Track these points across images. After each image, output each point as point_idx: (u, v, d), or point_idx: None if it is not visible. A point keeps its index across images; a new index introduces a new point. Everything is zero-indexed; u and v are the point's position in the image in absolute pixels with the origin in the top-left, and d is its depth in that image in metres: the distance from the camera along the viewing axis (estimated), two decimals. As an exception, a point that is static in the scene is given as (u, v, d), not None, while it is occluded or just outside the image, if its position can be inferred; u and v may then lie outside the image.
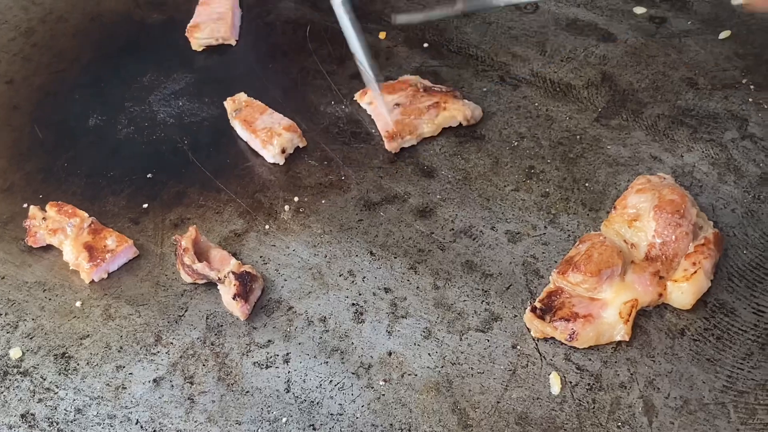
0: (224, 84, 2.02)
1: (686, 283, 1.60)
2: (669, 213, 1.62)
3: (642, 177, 1.72)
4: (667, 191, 1.66)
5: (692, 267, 1.61)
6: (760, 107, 1.93)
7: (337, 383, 1.54)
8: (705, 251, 1.63)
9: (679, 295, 1.60)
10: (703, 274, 1.61)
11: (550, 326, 1.57)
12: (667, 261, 1.62)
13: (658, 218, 1.63)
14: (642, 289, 1.60)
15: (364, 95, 1.93)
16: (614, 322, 1.57)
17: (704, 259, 1.62)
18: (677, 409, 1.50)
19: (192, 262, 1.63)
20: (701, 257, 1.62)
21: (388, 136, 1.84)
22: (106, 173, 1.86)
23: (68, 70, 2.07)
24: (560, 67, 2.03)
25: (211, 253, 1.68)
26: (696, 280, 1.60)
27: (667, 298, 1.61)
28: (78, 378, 1.56)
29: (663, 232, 1.62)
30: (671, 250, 1.62)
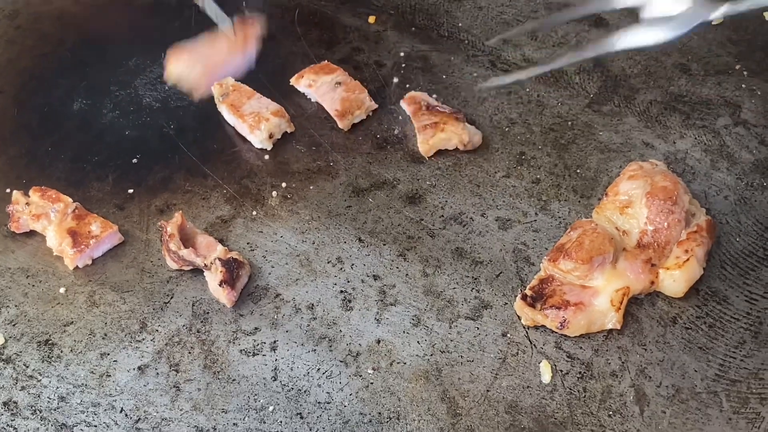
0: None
1: (678, 271, 1.58)
2: (661, 200, 1.61)
3: (634, 163, 1.70)
4: (660, 178, 1.64)
5: (684, 254, 1.59)
6: (754, 93, 1.91)
7: (324, 371, 1.52)
8: (697, 239, 1.61)
9: (671, 282, 1.59)
10: (696, 262, 1.59)
11: (540, 314, 1.55)
12: (660, 248, 1.60)
13: (650, 205, 1.61)
14: (634, 277, 1.58)
15: (300, 78, 1.92)
16: (606, 310, 1.56)
17: (697, 246, 1.60)
18: (669, 398, 1.48)
19: (177, 249, 1.60)
20: (694, 245, 1.60)
21: (338, 115, 1.84)
22: (90, 158, 1.83)
23: (52, 54, 2.03)
24: (552, 53, 2.01)
25: (197, 239, 1.66)
26: (688, 267, 1.58)
27: (659, 285, 1.60)
28: (61, 365, 1.53)
29: (655, 219, 1.61)
30: (663, 237, 1.60)
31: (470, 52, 2.02)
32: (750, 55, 1.99)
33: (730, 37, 2.03)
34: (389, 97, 1.93)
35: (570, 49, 2.01)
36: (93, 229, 1.66)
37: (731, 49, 2.00)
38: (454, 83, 1.95)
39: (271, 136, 1.82)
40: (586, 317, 1.55)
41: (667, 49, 2.00)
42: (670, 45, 1.79)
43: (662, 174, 1.66)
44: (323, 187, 1.77)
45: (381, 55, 2.01)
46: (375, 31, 2.07)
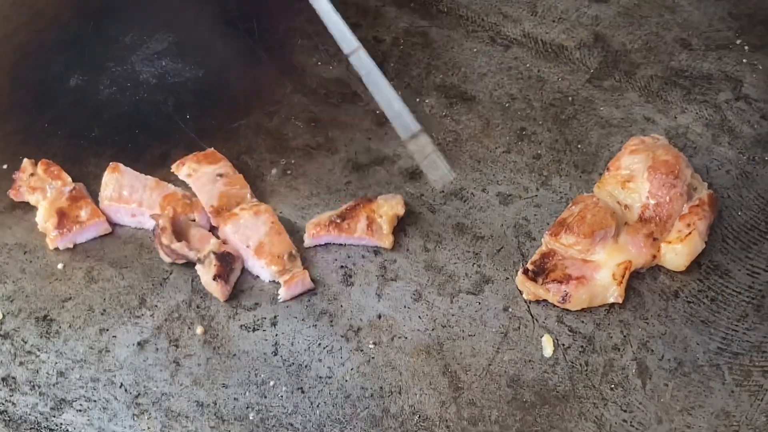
0: (208, 44, 1.98)
1: (680, 245, 1.58)
2: (663, 174, 1.60)
3: (635, 138, 1.69)
4: (661, 152, 1.63)
5: (686, 228, 1.59)
6: (755, 68, 1.90)
7: (325, 346, 1.51)
8: (699, 212, 1.60)
9: (673, 256, 1.58)
10: (698, 236, 1.59)
11: (542, 288, 1.55)
12: (661, 222, 1.60)
13: (652, 179, 1.61)
14: (636, 251, 1.57)
15: (181, 166, 1.72)
16: (608, 284, 1.55)
17: (699, 220, 1.59)
18: (671, 371, 1.48)
19: (170, 242, 1.58)
20: (696, 218, 1.60)
21: (214, 211, 1.65)
22: (87, 134, 1.81)
23: (48, 30, 2.01)
24: (552, 28, 2.00)
25: (190, 231, 1.63)
26: (690, 241, 1.58)
27: (660, 259, 1.59)
28: (60, 341, 1.52)
29: (657, 193, 1.60)
30: (665, 211, 1.60)
31: (470, 27, 2.01)
32: (751, 29, 1.98)
33: (730, 12, 2.02)
34: (388, 73, 1.91)
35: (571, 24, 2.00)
36: (82, 214, 1.63)
37: (732, 23, 1.99)
38: (454, 59, 1.94)
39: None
40: (587, 291, 1.54)
41: (667, 24, 1.99)
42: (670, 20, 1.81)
43: (664, 148, 1.65)
44: (323, 163, 1.76)
45: (379, 30, 2.00)
46: (374, 6, 2.06)
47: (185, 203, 1.65)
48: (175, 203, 1.65)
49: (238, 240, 1.60)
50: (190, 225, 1.64)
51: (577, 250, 1.57)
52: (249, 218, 1.62)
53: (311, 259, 1.61)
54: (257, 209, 1.63)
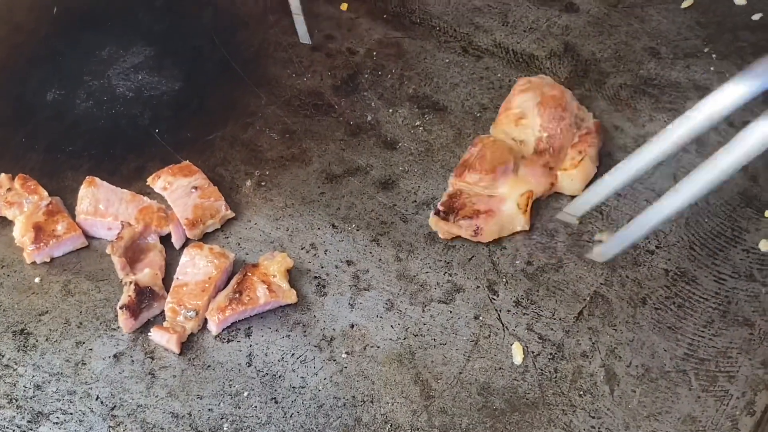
0: (184, 57, 2.00)
1: (575, 171, 1.71)
2: (552, 107, 1.75)
3: (523, 79, 1.84)
4: (548, 89, 1.78)
5: (578, 155, 1.72)
6: (722, 76, 1.93)
7: (299, 356, 1.53)
8: (589, 140, 1.74)
9: (569, 182, 1.71)
10: (589, 161, 1.73)
11: (455, 226, 1.65)
12: (555, 152, 1.72)
13: (542, 114, 1.75)
14: (535, 181, 1.69)
15: (156, 179, 1.74)
16: (514, 213, 1.67)
17: (588, 147, 1.73)
18: (638, 377, 1.51)
19: (113, 253, 1.60)
20: (586, 146, 1.73)
21: (189, 224, 1.67)
22: (64, 148, 1.83)
23: (26, 44, 2.03)
24: (523, 38, 2.02)
25: (149, 255, 1.65)
26: (583, 166, 1.71)
27: (558, 186, 1.72)
28: (37, 354, 1.54)
29: (548, 126, 1.74)
30: (557, 141, 1.73)
31: (442, 38, 2.03)
32: (718, 37, 2.01)
33: (698, 21, 2.05)
34: (362, 84, 1.93)
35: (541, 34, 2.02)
36: (58, 228, 1.65)
37: (700, 32, 2.02)
38: (427, 69, 1.96)
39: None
40: (497, 222, 1.65)
41: (636, 33, 2.01)
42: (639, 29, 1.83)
43: (550, 85, 1.79)
44: (297, 173, 1.78)
45: (353, 42, 2.02)
46: (348, 18, 2.08)
47: (161, 216, 1.67)
48: (151, 216, 1.67)
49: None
50: (150, 248, 1.66)
51: (482, 187, 1.68)
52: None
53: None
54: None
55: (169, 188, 1.73)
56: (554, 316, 1.58)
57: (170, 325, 1.55)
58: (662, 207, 1.38)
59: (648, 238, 1.67)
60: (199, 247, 1.62)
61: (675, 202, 1.37)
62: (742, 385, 1.50)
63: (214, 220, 1.70)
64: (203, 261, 1.60)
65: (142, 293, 1.56)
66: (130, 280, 1.57)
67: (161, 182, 1.74)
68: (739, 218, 1.70)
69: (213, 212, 1.69)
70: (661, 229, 1.68)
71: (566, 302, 1.60)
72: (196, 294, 1.57)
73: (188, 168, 1.75)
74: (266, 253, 1.64)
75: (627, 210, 1.71)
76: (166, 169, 1.75)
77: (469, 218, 1.65)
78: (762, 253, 1.65)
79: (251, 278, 1.57)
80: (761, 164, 1.77)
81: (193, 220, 1.68)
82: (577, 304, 1.59)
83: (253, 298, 1.55)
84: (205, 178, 1.74)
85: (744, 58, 1.96)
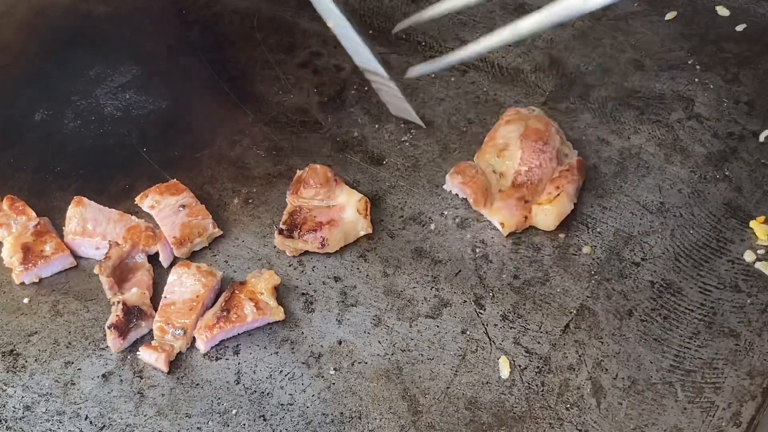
0: (171, 76, 2.01)
1: (549, 206, 1.69)
2: (533, 140, 1.74)
3: (512, 109, 1.84)
4: (533, 121, 1.78)
5: (555, 191, 1.71)
6: (706, 87, 1.94)
7: (287, 373, 1.54)
8: (568, 176, 1.73)
9: (543, 217, 1.70)
10: (566, 197, 1.71)
11: (301, 241, 1.67)
12: (533, 186, 1.72)
13: (524, 146, 1.73)
14: (508, 213, 1.69)
15: (144, 198, 1.74)
16: (355, 219, 1.70)
17: (567, 183, 1.71)
18: (625, 390, 1.51)
19: (101, 272, 1.61)
20: (564, 182, 1.72)
21: (177, 242, 1.68)
22: (53, 168, 1.84)
23: (13, 65, 2.04)
24: (508, 52, 2.03)
25: (137, 274, 1.66)
26: (558, 202, 1.70)
27: (532, 221, 1.71)
28: (26, 375, 1.55)
29: (528, 159, 1.73)
30: (536, 175, 1.72)
31: (428, 53, 2.04)
32: (702, 49, 2.02)
33: (682, 32, 2.06)
34: (349, 100, 1.95)
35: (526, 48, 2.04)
36: (46, 248, 1.66)
37: (684, 43, 2.04)
38: (413, 85, 1.97)
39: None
40: (340, 231, 1.69)
41: (621, 46, 2.03)
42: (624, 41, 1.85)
43: (536, 117, 1.79)
44: (284, 191, 1.78)
45: (340, 58, 2.03)
46: (333, 35, 2.08)
47: (148, 235, 1.68)
48: (139, 235, 1.67)
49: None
50: (138, 267, 1.66)
51: (319, 200, 1.71)
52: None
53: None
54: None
55: (157, 207, 1.73)
56: (541, 329, 1.59)
57: (158, 343, 1.55)
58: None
59: (633, 249, 1.68)
60: (186, 266, 1.62)
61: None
62: (728, 396, 1.50)
63: (201, 239, 1.70)
64: (191, 279, 1.60)
65: (130, 312, 1.57)
66: (117, 299, 1.57)
67: (149, 201, 1.74)
68: (723, 229, 1.71)
69: (201, 230, 1.70)
70: (647, 241, 1.69)
71: (553, 315, 1.60)
72: (184, 312, 1.57)
73: (176, 186, 1.76)
74: (254, 271, 1.65)
75: (612, 223, 1.72)
76: (153, 187, 1.76)
77: (313, 231, 1.66)
78: (747, 263, 1.66)
79: (239, 296, 1.58)
80: (745, 175, 1.79)
81: (180, 239, 1.68)
82: (563, 317, 1.60)
83: (241, 316, 1.56)
84: (193, 197, 1.74)
85: (728, 69, 1.98)
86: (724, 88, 1.94)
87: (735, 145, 1.84)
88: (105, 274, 1.60)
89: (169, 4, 2.17)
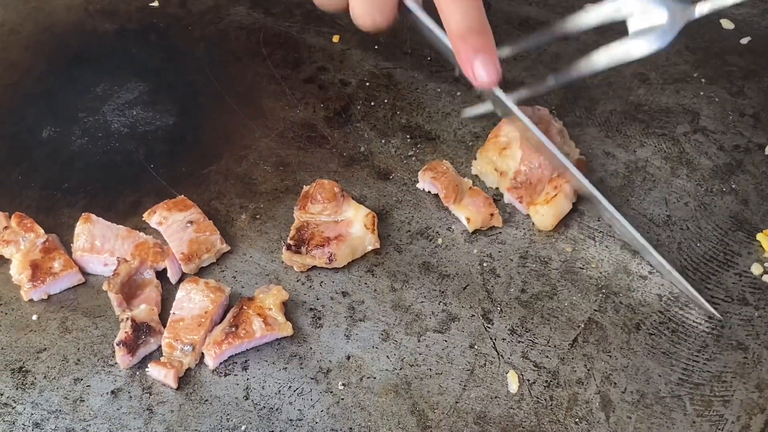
0: (177, 92, 2.02)
1: (546, 206, 1.71)
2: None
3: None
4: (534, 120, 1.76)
5: (553, 191, 1.71)
6: (711, 100, 1.95)
7: (296, 389, 1.54)
8: (567, 176, 1.71)
9: (540, 217, 1.72)
10: (564, 197, 1.72)
11: (309, 257, 1.67)
12: (532, 186, 1.73)
13: (524, 146, 1.74)
14: (475, 209, 1.73)
15: (152, 214, 1.75)
16: (362, 234, 1.70)
17: (565, 183, 1.72)
18: (634, 403, 1.51)
19: (109, 289, 1.61)
20: (563, 181, 1.72)
21: (184, 258, 1.68)
22: (60, 185, 1.85)
23: (21, 82, 2.05)
24: (513, 66, 2.04)
25: (145, 290, 1.66)
26: (555, 202, 1.71)
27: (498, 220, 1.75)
28: (36, 392, 1.55)
29: (528, 159, 1.73)
30: (535, 176, 1.73)
31: (433, 68, 2.05)
32: (707, 62, 2.03)
33: (687, 46, 2.07)
34: (355, 115, 1.95)
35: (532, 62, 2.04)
36: (55, 265, 1.66)
37: (688, 57, 2.04)
38: (418, 99, 1.98)
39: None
40: (348, 246, 1.68)
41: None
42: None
43: (538, 116, 1.79)
44: (291, 206, 1.79)
45: (346, 73, 2.04)
46: (339, 50, 2.10)
47: (156, 251, 1.68)
48: (147, 252, 1.68)
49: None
50: (147, 283, 1.67)
51: (327, 215, 1.72)
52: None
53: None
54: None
55: (165, 223, 1.74)
56: (549, 343, 1.59)
57: (167, 360, 1.56)
58: None
59: (640, 263, 1.68)
60: (194, 282, 1.63)
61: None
62: (737, 409, 1.51)
63: (209, 254, 1.71)
64: (199, 295, 1.61)
65: (139, 329, 1.57)
66: (126, 316, 1.58)
67: (157, 217, 1.75)
68: (730, 242, 1.72)
69: (208, 246, 1.70)
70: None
71: (561, 329, 1.61)
72: (193, 328, 1.58)
73: (183, 202, 1.77)
74: (262, 286, 1.65)
75: (620, 237, 1.72)
76: (161, 204, 1.76)
77: (320, 247, 1.67)
78: (754, 276, 1.67)
79: (247, 312, 1.58)
80: (751, 187, 1.79)
81: (188, 255, 1.69)
82: (571, 331, 1.60)
83: (249, 332, 1.56)
84: (200, 213, 1.75)
85: (733, 82, 1.99)
86: (729, 101, 1.95)
87: (741, 158, 1.84)
88: (113, 291, 1.61)
89: (175, 21, 2.18)
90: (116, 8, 2.22)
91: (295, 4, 2.21)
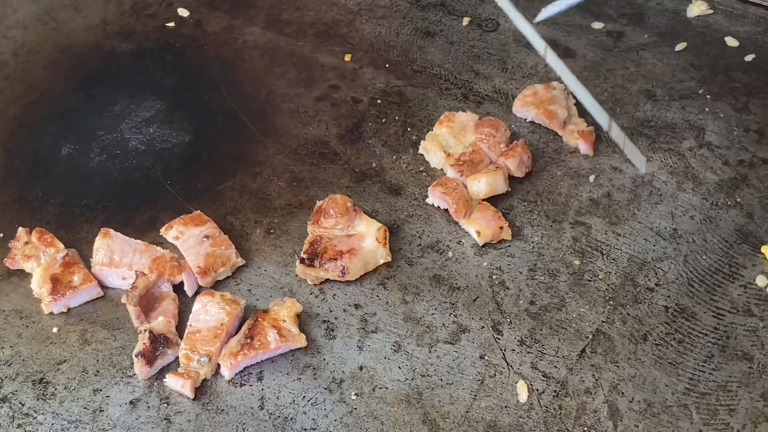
0: (193, 110, 2.06)
1: (484, 176, 1.83)
2: (486, 126, 1.90)
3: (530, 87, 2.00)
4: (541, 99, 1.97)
5: (494, 168, 1.85)
6: (717, 116, 1.98)
7: (310, 399, 1.57)
8: (510, 153, 1.86)
9: (477, 184, 1.82)
10: (501, 175, 1.84)
11: (322, 270, 1.71)
12: (473, 165, 1.86)
13: (476, 130, 1.90)
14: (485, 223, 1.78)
15: (169, 229, 1.80)
16: (374, 248, 1.75)
17: (507, 159, 1.86)
18: (641, 413, 1.54)
19: (128, 302, 1.65)
20: (505, 158, 1.87)
21: (201, 272, 1.72)
22: (79, 201, 1.89)
23: (40, 102, 2.10)
24: (521, 83, 2.08)
25: (162, 303, 1.70)
26: (494, 175, 1.83)
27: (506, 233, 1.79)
28: (56, 402, 1.58)
29: (478, 144, 1.89)
30: (479, 156, 1.88)
31: (443, 85, 2.09)
32: (712, 78, 2.06)
33: (692, 63, 2.10)
34: (366, 132, 1.99)
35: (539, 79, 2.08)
36: (74, 279, 1.70)
37: (694, 74, 2.08)
38: (429, 116, 2.02)
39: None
40: (360, 259, 1.73)
41: (632, 76, 2.07)
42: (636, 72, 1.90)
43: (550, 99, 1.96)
44: (304, 221, 1.83)
45: (357, 91, 2.08)
46: (351, 68, 2.14)
47: (173, 265, 1.72)
48: (164, 265, 1.72)
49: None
50: (164, 296, 1.71)
51: (339, 229, 1.76)
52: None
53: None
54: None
55: (181, 237, 1.78)
56: (558, 354, 1.62)
57: (184, 370, 1.59)
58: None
59: (647, 275, 1.71)
60: (211, 295, 1.67)
61: None
62: (742, 417, 1.53)
63: (225, 268, 1.74)
64: (215, 308, 1.65)
65: (157, 341, 1.61)
66: (144, 328, 1.61)
67: (173, 232, 1.79)
68: (736, 255, 1.75)
69: (224, 260, 1.74)
70: (660, 266, 1.72)
71: (569, 340, 1.64)
72: (209, 340, 1.62)
73: (199, 217, 1.81)
74: (276, 299, 1.69)
75: (626, 249, 1.75)
76: (178, 219, 1.81)
77: (333, 260, 1.71)
78: (759, 288, 1.69)
79: (262, 323, 1.62)
80: (756, 201, 1.82)
81: (204, 269, 1.73)
82: (579, 341, 1.63)
83: (264, 343, 1.60)
84: (216, 227, 1.79)
85: (738, 98, 2.02)
86: (734, 117, 1.98)
87: (746, 173, 1.87)
88: (132, 304, 1.64)
89: (190, 41, 2.23)
90: (133, 29, 2.27)
91: (308, 24, 2.26)
